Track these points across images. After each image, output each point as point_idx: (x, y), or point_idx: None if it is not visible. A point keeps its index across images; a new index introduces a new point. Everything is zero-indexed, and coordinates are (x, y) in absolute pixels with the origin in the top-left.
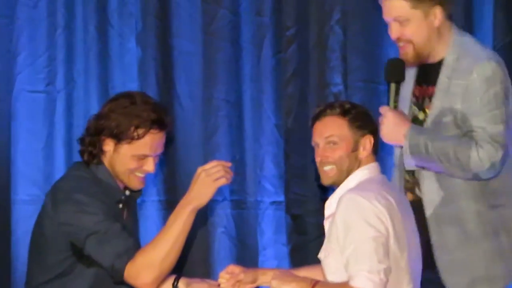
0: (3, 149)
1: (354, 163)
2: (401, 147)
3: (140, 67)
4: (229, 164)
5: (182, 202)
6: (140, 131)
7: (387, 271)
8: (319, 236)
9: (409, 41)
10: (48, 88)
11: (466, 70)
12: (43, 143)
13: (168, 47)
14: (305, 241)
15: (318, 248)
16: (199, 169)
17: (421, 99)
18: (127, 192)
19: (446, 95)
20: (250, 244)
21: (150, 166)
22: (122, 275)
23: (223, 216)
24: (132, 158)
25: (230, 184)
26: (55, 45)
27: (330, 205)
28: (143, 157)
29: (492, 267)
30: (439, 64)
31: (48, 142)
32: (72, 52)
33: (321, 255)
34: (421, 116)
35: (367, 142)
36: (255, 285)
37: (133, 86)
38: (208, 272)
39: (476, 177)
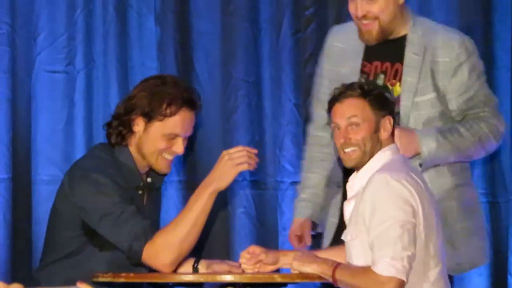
0: (24, 129)
1: (376, 145)
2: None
3: (159, 47)
4: (255, 151)
5: (203, 184)
6: (172, 108)
7: (411, 258)
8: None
9: (376, 18)
10: (67, 68)
11: (445, 46)
12: (63, 123)
13: (187, 27)
14: None
15: (338, 229)
16: (224, 152)
17: (374, 76)
18: (149, 179)
19: (419, 72)
20: (270, 224)
21: (179, 147)
22: (141, 256)
23: (243, 196)
24: (163, 138)
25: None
26: (75, 25)
27: (353, 186)
28: (173, 137)
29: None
30: (400, 41)
31: (68, 122)
32: (92, 32)
33: (346, 237)
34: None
35: (387, 122)
36: (276, 266)
37: (152, 66)
38: (228, 253)
39: (486, 154)
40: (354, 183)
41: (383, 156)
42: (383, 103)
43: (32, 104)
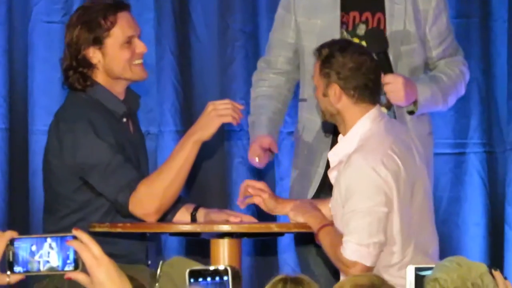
0: (20, 80)
1: (334, 111)
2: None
3: None
4: (241, 107)
5: (187, 133)
6: (110, 18)
7: (378, 245)
8: None
9: None
10: (64, 18)
11: None
12: (59, 73)
13: None
14: None
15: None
16: (209, 103)
17: (352, 26)
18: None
19: (403, 21)
20: (267, 174)
21: (140, 46)
22: (127, 208)
23: (240, 146)
24: (122, 48)
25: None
26: None
27: (335, 155)
28: (129, 41)
29: None
30: None
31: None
32: None
33: (331, 204)
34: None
35: (332, 90)
36: (273, 213)
37: (149, 16)
38: (225, 202)
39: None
40: (338, 149)
41: (364, 126)
42: (328, 68)
43: (29, 55)
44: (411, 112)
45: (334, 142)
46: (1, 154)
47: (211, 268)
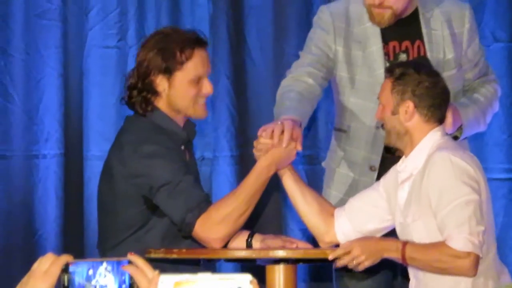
0: (76, 105)
1: (403, 130)
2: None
3: (212, 22)
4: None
5: (266, 161)
6: (186, 52)
7: (484, 233)
8: None
9: (390, 7)
10: (119, 43)
11: (454, 17)
12: (115, 98)
13: (239, 2)
14: None
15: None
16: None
17: (394, 56)
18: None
19: (442, 47)
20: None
21: (208, 86)
22: (192, 229)
23: (296, 171)
24: (190, 84)
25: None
26: (126, 0)
27: (405, 169)
28: (198, 80)
29: None
30: (413, 18)
31: (120, 97)
32: (143, 7)
33: (406, 219)
34: None
35: (406, 107)
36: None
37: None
38: (281, 228)
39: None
40: (406, 165)
41: (434, 136)
42: (402, 85)
43: (84, 79)
44: (455, 138)
45: (379, 176)
46: (57, 180)
47: None
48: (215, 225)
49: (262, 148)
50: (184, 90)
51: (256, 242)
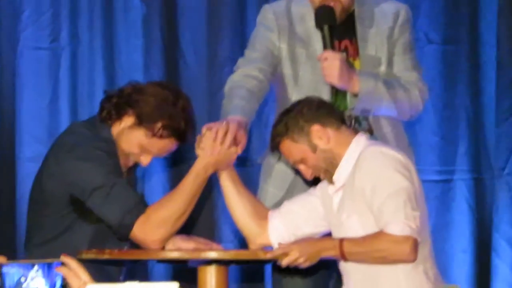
0: (8, 106)
1: (329, 152)
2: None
3: (145, 23)
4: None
5: (203, 162)
6: (164, 132)
7: (420, 219)
8: None
9: (339, 1)
10: (52, 45)
11: (388, 15)
12: (48, 100)
13: (172, 3)
14: None
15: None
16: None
17: None
18: None
19: (368, 45)
20: None
21: (146, 161)
22: (130, 231)
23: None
24: (139, 146)
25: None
26: (59, 1)
27: (339, 178)
28: (148, 152)
29: None
30: (350, 17)
31: (53, 99)
32: (76, 9)
33: (340, 217)
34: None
35: (314, 133)
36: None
37: (137, 43)
38: (213, 228)
39: (410, 118)
40: (339, 176)
41: (360, 141)
42: (295, 126)
43: (17, 81)
44: (364, 111)
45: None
46: None
47: None
48: (154, 228)
49: (204, 146)
50: (131, 144)
51: (168, 244)
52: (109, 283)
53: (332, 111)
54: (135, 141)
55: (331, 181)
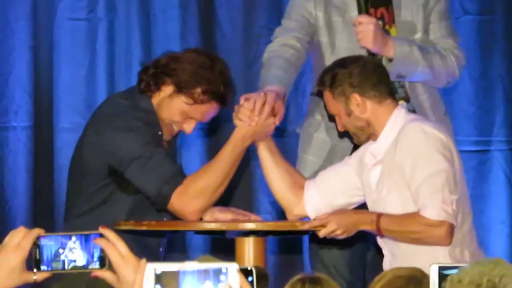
0: (45, 76)
1: (363, 123)
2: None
3: None
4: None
5: (241, 133)
6: (204, 96)
7: (458, 202)
8: None
9: None
10: (89, 15)
11: None
12: (85, 70)
13: None
14: None
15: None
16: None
17: None
18: None
19: (403, 12)
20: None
21: (190, 127)
22: (168, 201)
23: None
24: (181, 114)
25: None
26: None
27: (377, 151)
28: (191, 118)
29: None
30: None
31: (90, 70)
32: None
33: (380, 193)
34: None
35: (353, 101)
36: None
37: (174, 13)
38: (251, 200)
39: (447, 84)
40: (378, 148)
41: (400, 114)
42: (340, 85)
43: (54, 52)
44: (399, 76)
45: (356, 145)
46: (26, 152)
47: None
48: (192, 198)
49: (242, 117)
50: (172, 112)
51: (205, 215)
52: (148, 256)
53: (381, 82)
54: (177, 109)
55: (358, 142)
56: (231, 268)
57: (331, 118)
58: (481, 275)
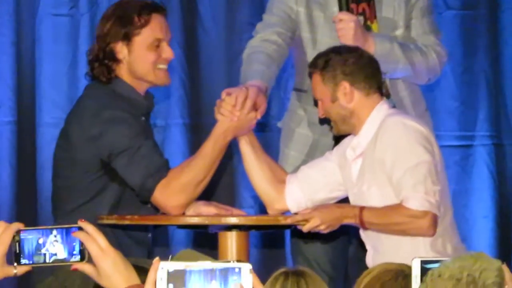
0: (28, 72)
1: (347, 112)
2: None
3: None
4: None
5: (223, 127)
6: (144, 17)
7: (440, 193)
8: None
9: None
10: (71, 11)
11: None
12: (67, 66)
13: None
14: None
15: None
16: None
17: None
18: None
19: (385, 7)
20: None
21: (167, 51)
22: (151, 194)
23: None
24: (149, 49)
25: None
26: None
27: (358, 145)
28: (157, 44)
29: None
30: None
31: (72, 65)
32: None
33: (361, 188)
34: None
35: (342, 88)
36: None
37: None
38: (233, 194)
39: (428, 81)
40: (359, 142)
41: (382, 109)
42: (332, 70)
43: (37, 47)
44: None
45: (337, 138)
46: (9, 147)
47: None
48: (174, 193)
49: (224, 112)
50: (143, 55)
51: (189, 209)
52: (143, 250)
53: (373, 76)
54: (142, 50)
55: (337, 131)
56: (244, 268)
57: (316, 103)
58: (461, 270)
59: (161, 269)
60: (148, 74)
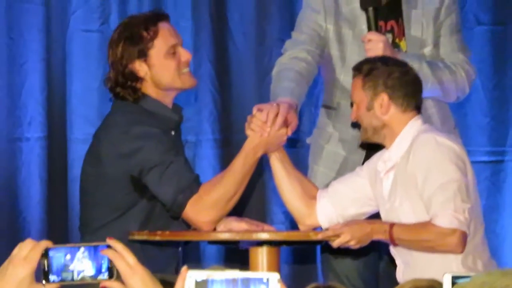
0: (59, 88)
1: (379, 123)
2: None
3: (194, 5)
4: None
5: (253, 143)
6: (152, 29)
7: (471, 210)
8: None
9: None
10: (102, 27)
11: None
12: (98, 82)
13: None
14: None
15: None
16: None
17: None
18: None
19: (413, 25)
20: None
21: (185, 53)
22: (183, 210)
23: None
24: (167, 57)
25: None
26: None
27: (390, 159)
28: (173, 51)
29: None
30: None
31: (103, 81)
32: None
33: (394, 204)
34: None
35: (380, 99)
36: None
37: (186, 24)
38: (264, 210)
39: (457, 99)
40: (390, 156)
41: (415, 125)
42: (374, 79)
43: (67, 63)
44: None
45: (368, 156)
46: (40, 163)
47: None
48: (206, 209)
49: (254, 128)
50: (164, 65)
51: (220, 225)
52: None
53: (413, 95)
54: (161, 60)
55: (365, 138)
56: (272, 278)
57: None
58: (482, 285)
59: (189, 278)
60: (174, 81)
